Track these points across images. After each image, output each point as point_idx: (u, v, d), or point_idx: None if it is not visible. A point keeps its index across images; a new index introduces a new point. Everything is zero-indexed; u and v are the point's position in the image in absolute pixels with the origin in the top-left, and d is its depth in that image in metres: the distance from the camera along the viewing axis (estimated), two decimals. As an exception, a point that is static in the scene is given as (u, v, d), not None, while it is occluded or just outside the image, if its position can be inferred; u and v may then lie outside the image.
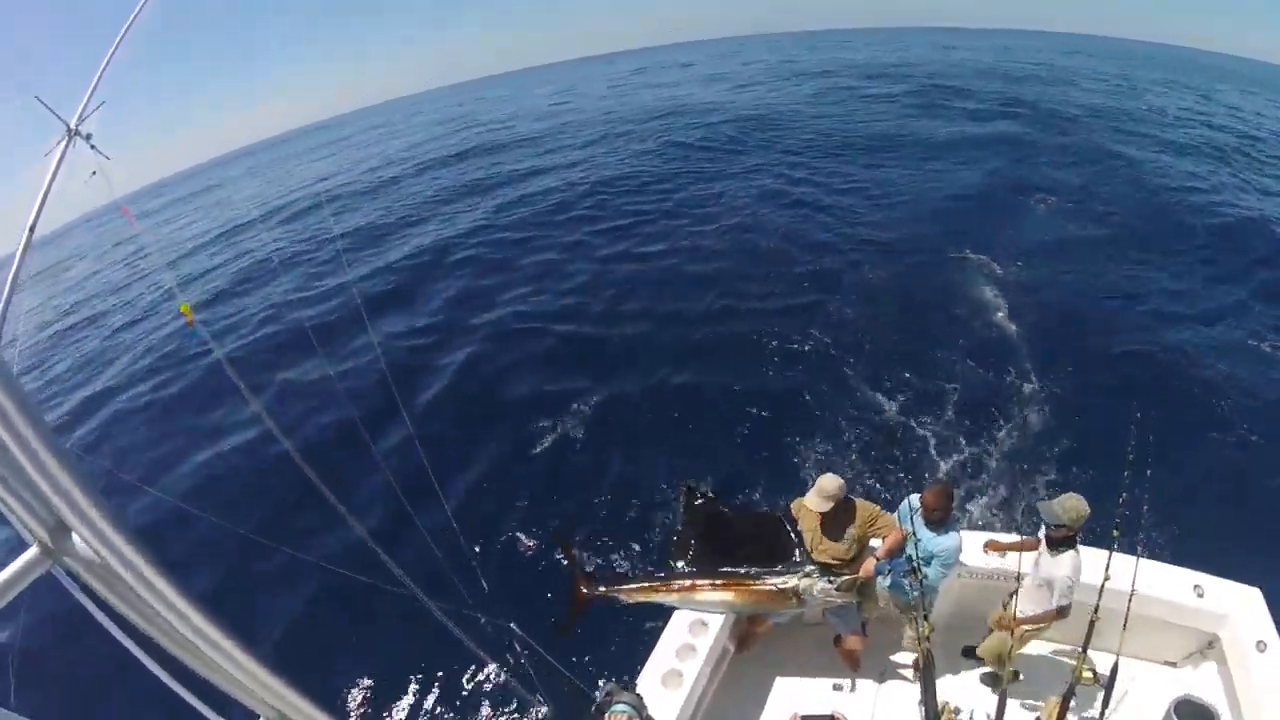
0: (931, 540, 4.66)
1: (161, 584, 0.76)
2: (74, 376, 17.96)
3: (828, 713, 3.24)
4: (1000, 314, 13.05)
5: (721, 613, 4.92)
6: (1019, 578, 4.45)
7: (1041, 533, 4.44)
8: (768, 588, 4.56)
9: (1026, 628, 4.42)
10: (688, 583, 4.62)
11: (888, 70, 51.43)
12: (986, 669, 4.87)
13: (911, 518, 4.64)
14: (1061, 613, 4.26)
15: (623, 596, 4.71)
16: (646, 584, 4.75)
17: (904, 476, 9.00)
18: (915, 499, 4.79)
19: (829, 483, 4.49)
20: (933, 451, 9.42)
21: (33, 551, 0.82)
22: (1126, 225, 17.35)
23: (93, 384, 16.85)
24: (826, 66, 59.05)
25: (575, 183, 25.25)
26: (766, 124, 32.12)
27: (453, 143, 42.46)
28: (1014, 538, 4.91)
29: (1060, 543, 4.19)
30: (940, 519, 4.67)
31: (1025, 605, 4.47)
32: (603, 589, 4.70)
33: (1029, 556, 4.48)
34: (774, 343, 12.41)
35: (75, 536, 0.77)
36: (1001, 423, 9.82)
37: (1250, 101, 43.24)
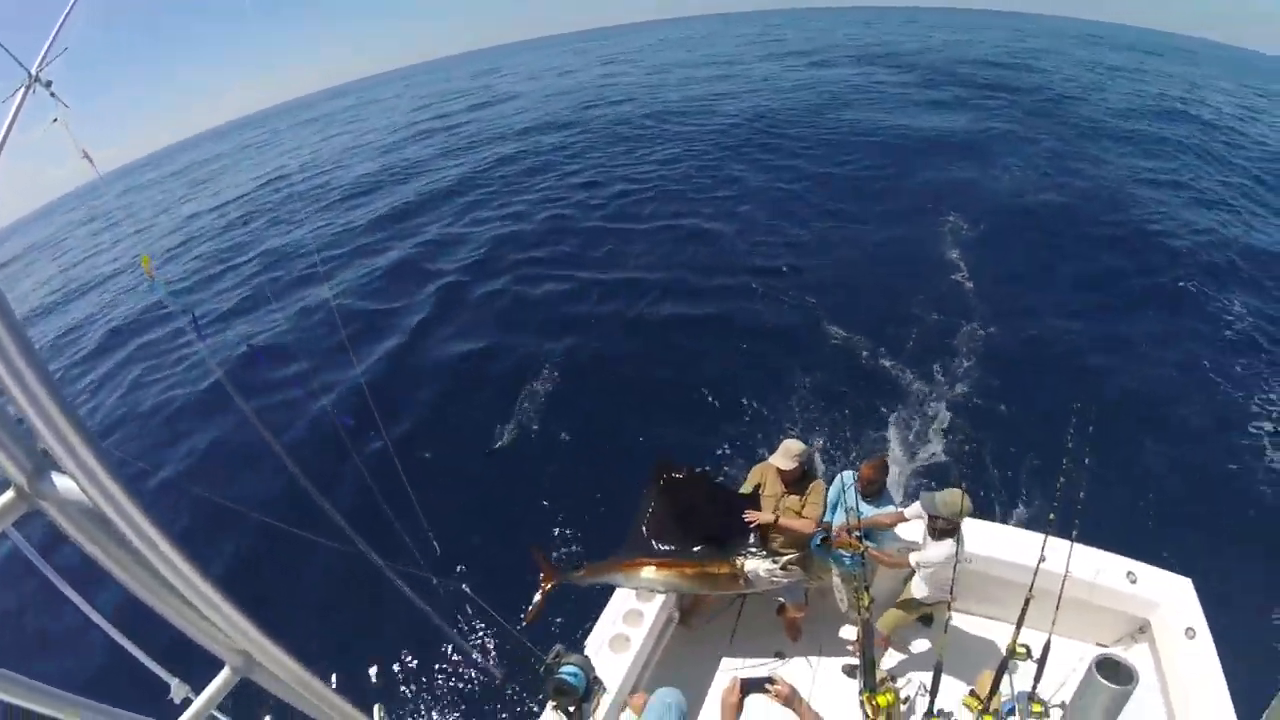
0: (869, 512, 4.82)
1: (149, 527, 0.70)
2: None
3: (767, 677, 3.35)
4: (959, 275, 13.49)
5: (668, 592, 5.01)
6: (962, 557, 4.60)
7: (911, 511, 4.66)
8: (714, 570, 4.65)
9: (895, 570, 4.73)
10: (636, 562, 4.70)
11: (866, 52, 51.44)
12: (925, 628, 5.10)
13: (847, 491, 4.81)
14: (914, 574, 4.66)
15: (577, 580, 4.86)
16: (600, 564, 4.89)
17: (854, 438, 9.30)
18: (849, 475, 4.98)
19: (795, 445, 4.87)
20: (880, 422, 9.67)
21: (8, 494, 0.74)
22: (1083, 200, 17.84)
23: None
24: (813, 46, 58.82)
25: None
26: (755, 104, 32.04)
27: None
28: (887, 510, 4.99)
29: (940, 532, 4.39)
30: (876, 492, 4.90)
31: (916, 580, 4.76)
32: (558, 578, 4.86)
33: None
34: (750, 308, 12.77)
35: (56, 476, 0.71)
36: (949, 398, 10.08)
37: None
